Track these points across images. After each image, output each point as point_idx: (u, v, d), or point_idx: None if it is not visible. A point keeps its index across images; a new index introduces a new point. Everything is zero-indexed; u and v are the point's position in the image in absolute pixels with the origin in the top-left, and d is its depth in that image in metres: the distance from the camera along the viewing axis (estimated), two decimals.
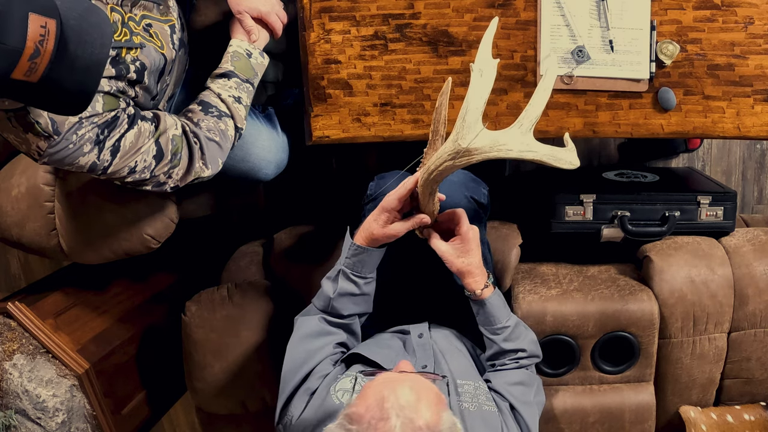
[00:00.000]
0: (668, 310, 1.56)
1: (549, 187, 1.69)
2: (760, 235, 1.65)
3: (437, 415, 0.92)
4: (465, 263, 1.23)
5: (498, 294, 1.28)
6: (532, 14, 1.41)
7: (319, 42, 1.44)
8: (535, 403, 1.26)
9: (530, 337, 1.32)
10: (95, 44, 0.93)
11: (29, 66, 0.87)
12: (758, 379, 1.64)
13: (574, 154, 1.17)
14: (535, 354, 1.31)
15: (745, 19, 1.39)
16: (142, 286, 1.94)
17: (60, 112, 1.00)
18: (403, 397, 0.92)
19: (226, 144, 1.36)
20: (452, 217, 1.24)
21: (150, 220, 1.56)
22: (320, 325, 1.30)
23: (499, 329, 1.26)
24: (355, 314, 1.32)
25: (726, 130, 1.46)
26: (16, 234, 1.62)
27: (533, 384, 1.29)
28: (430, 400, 0.94)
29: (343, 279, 1.28)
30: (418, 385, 0.96)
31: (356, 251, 1.26)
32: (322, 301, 1.31)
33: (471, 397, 1.18)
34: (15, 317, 1.62)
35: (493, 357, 1.29)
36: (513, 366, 1.27)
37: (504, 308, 1.29)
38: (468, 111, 1.11)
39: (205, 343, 1.63)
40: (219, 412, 1.71)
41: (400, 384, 0.95)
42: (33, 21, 0.85)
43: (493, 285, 1.27)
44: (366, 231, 1.25)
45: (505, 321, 1.27)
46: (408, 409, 0.91)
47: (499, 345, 1.27)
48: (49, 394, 1.57)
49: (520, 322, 1.32)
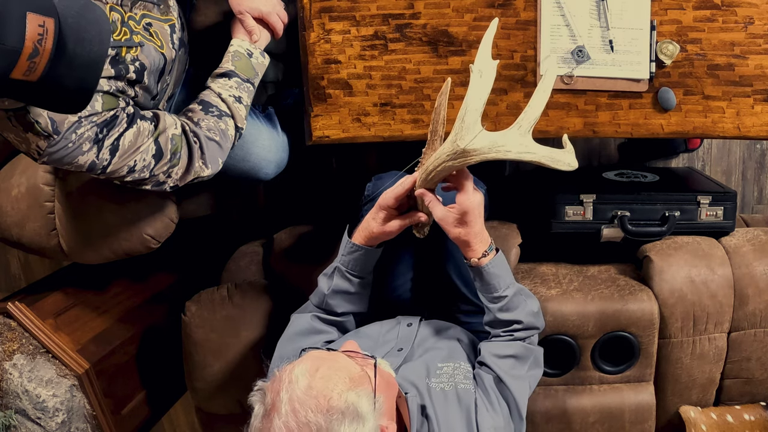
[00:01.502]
0: (668, 310, 1.56)
1: (549, 187, 1.69)
2: (760, 235, 1.65)
3: (334, 393, 0.93)
4: (461, 232, 1.18)
5: (498, 262, 1.23)
6: (532, 14, 1.41)
7: (319, 42, 1.44)
8: (527, 377, 1.23)
9: (529, 308, 1.25)
10: (94, 41, 0.92)
11: (28, 65, 0.86)
12: (758, 379, 1.64)
13: (573, 156, 1.17)
14: (533, 326, 1.26)
15: (745, 19, 1.39)
16: (142, 286, 1.94)
17: (60, 110, 1.00)
18: (298, 370, 0.95)
19: (226, 143, 1.36)
20: (458, 181, 1.18)
21: (150, 220, 1.56)
22: (311, 323, 1.31)
23: (496, 298, 1.23)
24: (350, 312, 1.33)
25: (726, 130, 1.46)
26: (16, 234, 1.62)
27: (528, 357, 1.24)
28: (329, 378, 0.95)
29: (338, 276, 1.29)
30: (324, 363, 0.97)
31: (352, 249, 1.27)
32: (318, 297, 1.32)
33: (448, 377, 1.17)
34: (15, 317, 1.62)
35: (489, 324, 1.27)
36: (506, 338, 1.24)
37: (503, 277, 1.23)
38: (467, 112, 1.11)
39: (205, 343, 1.63)
40: (219, 412, 1.72)
41: (304, 362, 0.97)
42: (31, 20, 0.85)
43: (495, 251, 1.23)
44: (365, 229, 1.25)
45: (502, 290, 1.22)
46: (296, 386, 0.93)
47: (494, 314, 1.24)
48: (49, 394, 1.58)
49: (521, 291, 1.26)
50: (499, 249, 1.24)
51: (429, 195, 1.21)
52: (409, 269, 1.41)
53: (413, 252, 1.40)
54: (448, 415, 1.11)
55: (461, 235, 1.19)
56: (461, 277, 1.37)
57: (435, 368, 1.19)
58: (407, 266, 1.41)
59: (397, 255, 1.38)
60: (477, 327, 1.38)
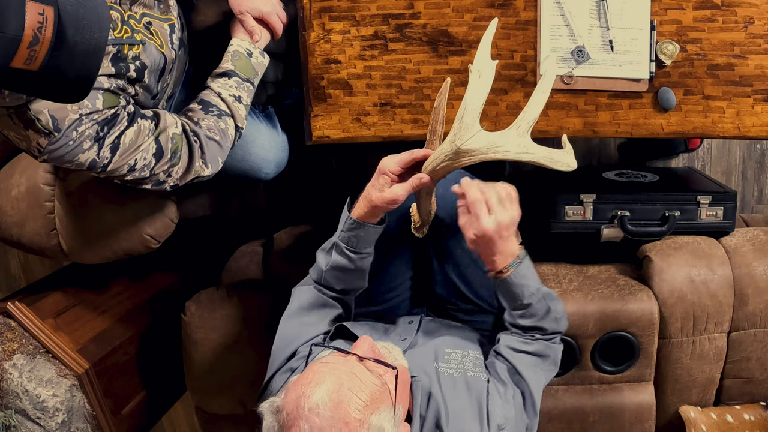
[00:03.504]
0: (668, 310, 1.56)
1: (549, 187, 1.69)
2: (760, 235, 1.65)
3: (356, 422, 0.90)
4: (476, 250, 1.13)
5: (521, 273, 1.15)
6: (532, 14, 1.41)
7: (319, 42, 1.44)
8: (543, 371, 1.20)
9: (552, 315, 1.19)
10: (93, 29, 0.92)
11: (29, 54, 0.86)
12: (758, 379, 1.64)
13: (572, 156, 1.17)
14: (555, 331, 1.20)
15: (745, 19, 1.39)
16: (142, 286, 1.94)
17: (62, 100, 0.99)
18: (317, 396, 0.90)
19: (226, 143, 1.36)
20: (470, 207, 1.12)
21: (150, 220, 1.57)
22: (317, 294, 1.25)
23: (517, 306, 1.18)
24: (349, 288, 1.27)
25: (726, 130, 1.46)
26: (16, 234, 1.62)
27: (547, 355, 1.20)
28: (349, 403, 0.91)
29: (336, 253, 1.22)
30: (346, 383, 0.92)
31: (352, 225, 1.19)
32: (316, 272, 1.27)
33: (456, 364, 1.15)
34: (15, 317, 1.62)
35: (509, 323, 1.22)
36: (528, 339, 1.20)
37: (526, 286, 1.16)
38: (466, 112, 1.11)
39: (205, 343, 1.63)
40: (219, 412, 1.72)
41: (320, 384, 0.92)
42: (30, 8, 0.85)
43: (518, 263, 1.15)
44: (364, 199, 1.17)
45: (525, 299, 1.16)
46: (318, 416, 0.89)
47: (515, 320, 1.19)
48: (49, 394, 1.58)
49: (546, 296, 1.19)
50: (526, 256, 1.17)
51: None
52: (408, 269, 1.41)
53: (412, 251, 1.40)
54: (456, 402, 1.08)
55: (476, 251, 1.14)
56: (461, 276, 1.37)
57: (443, 353, 1.17)
58: (406, 266, 1.40)
59: (395, 255, 1.37)
60: (478, 326, 1.38)
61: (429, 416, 1.06)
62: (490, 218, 1.10)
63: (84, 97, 0.98)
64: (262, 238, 1.89)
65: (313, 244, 1.76)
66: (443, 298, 1.40)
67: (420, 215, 1.30)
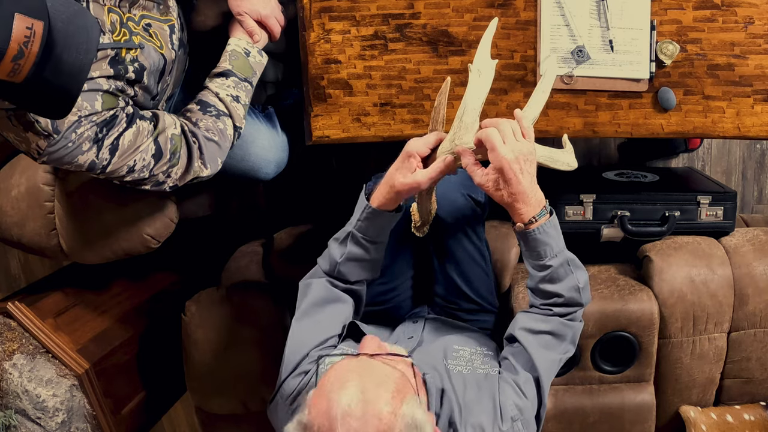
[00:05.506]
0: (668, 310, 1.56)
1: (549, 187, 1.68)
2: (760, 235, 1.65)
3: (389, 414, 0.90)
4: (503, 194, 1.08)
5: (547, 228, 1.12)
6: (532, 14, 1.41)
7: (319, 42, 1.44)
8: (559, 354, 1.17)
9: (572, 283, 1.15)
10: (81, 49, 0.91)
11: (12, 67, 0.85)
12: (758, 379, 1.64)
13: (572, 156, 1.17)
14: (575, 301, 1.16)
15: (745, 19, 1.39)
16: (142, 286, 1.94)
17: (44, 114, 1.00)
18: (345, 400, 0.90)
19: (225, 143, 1.36)
20: (484, 143, 1.07)
21: (150, 220, 1.57)
22: (328, 288, 1.22)
23: (540, 266, 1.15)
24: (362, 279, 1.25)
25: (726, 130, 1.46)
26: (16, 234, 1.62)
27: (565, 335, 1.17)
28: (378, 398, 0.91)
29: (352, 243, 1.19)
30: (368, 381, 0.92)
31: (370, 214, 1.16)
32: (328, 264, 1.23)
33: (465, 362, 1.15)
34: (15, 317, 1.62)
35: (530, 289, 1.19)
36: (545, 312, 1.17)
37: (551, 245, 1.13)
38: (466, 111, 1.11)
39: (205, 343, 1.63)
40: (219, 412, 1.72)
41: (344, 387, 0.91)
42: (18, 22, 0.84)
43: (547, 214, 1.12)
44: (386, 185, 1.14)
45: (548, 259, 1.13)
46: (353, 417, 0.88)
47: (536, 282, 1.16)
48: (49, 394, 1.58)
49: (568, 261, 1.16)
50: (553, 212, 1.14)
51: (468, 155, 1.08)
52: (409, 268, 1.41)
53: (413, 251, 1.40)
54: (469, 398, 1.08)
55: (504, 198, 1.08)
56: (462, 275, 1.37)
57: (451, 350, 1.17)
58: (407, 265, 1.41)
59: (396, 254, 1.38)
60: (480, 325, 1.38)
61: (443, 413, 1.06)
62: (506, 147, 1.05)
63: (65, 114, 0.98)
64: (262, 238, 1.89)
65: (314, 244, 1.76)
66: (444, 297, 1.40)
67: (420, 215, 1.30)
